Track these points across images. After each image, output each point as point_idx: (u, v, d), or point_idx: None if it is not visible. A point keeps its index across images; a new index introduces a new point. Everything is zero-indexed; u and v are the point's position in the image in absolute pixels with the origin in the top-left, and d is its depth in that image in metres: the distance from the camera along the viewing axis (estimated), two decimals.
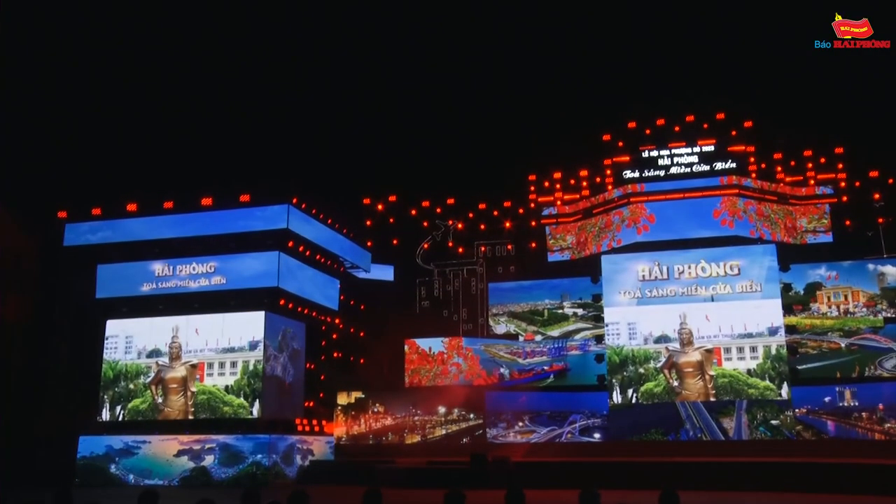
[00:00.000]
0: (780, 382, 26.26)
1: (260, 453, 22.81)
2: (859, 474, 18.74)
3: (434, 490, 19.61)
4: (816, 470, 19.46)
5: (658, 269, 28.30)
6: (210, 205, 25.23)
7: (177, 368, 24.58)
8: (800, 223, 28.92)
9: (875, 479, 18.28)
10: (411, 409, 28.33)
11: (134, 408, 24.52)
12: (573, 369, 29.36)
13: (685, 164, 29.17)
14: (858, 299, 27.83)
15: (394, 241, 32.04)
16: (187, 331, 24.82)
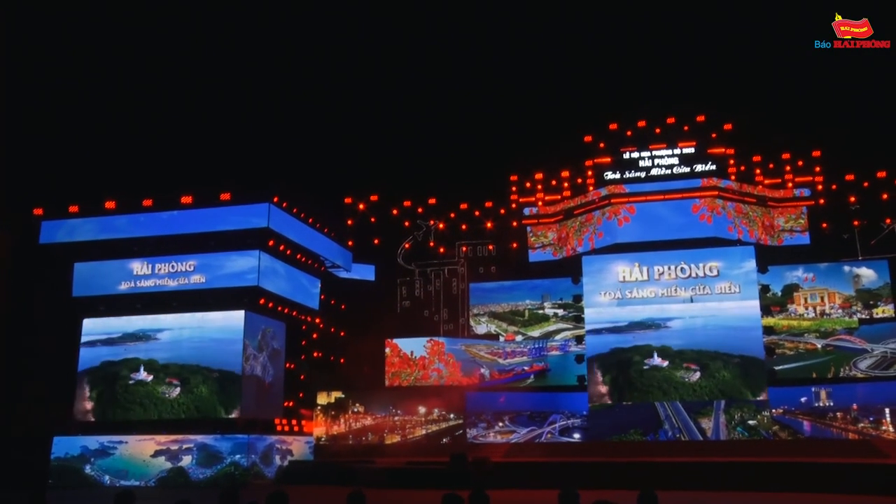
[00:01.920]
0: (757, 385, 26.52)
1: (238, 453, 22.65)
2: (834, 474, 18.94)
3: (414, 490, 19.80)
4: (792, 469, 19.64)
5: (638, 270, 28.45)
6: (190, 203, 25.02)
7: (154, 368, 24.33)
8: (777, 222, 29.18)
9: (849, 478, 18.51)
10: (391, 410, 28.27)
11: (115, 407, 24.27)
12: (553, 370, 29.43)
13: (666, 165, 29.34)
14: (834, 301, 28.14)
15: (375, 241, 31.92)
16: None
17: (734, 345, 26.97)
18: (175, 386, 24.03)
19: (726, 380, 26.64)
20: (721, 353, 26.93)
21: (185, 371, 24.16)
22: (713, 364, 26.86)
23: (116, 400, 24.31)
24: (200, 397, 23.83)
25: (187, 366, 24.19)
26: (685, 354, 27.19)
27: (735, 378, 26.61)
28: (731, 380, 26.62)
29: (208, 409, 23.73)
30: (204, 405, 23.76)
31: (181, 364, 24.25)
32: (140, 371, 24.40)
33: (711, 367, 26.84)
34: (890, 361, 26.45)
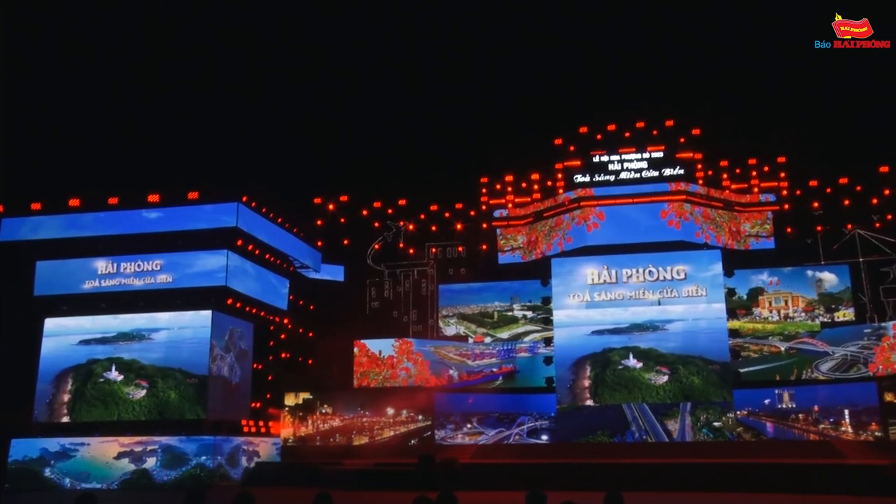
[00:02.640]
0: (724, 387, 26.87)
1: (204, 455, 22.37)
2: (796, 474, 19.27)
3: (382, 492, 19.72)
4: (756, 470, 19.95)
5: (607, 272, 28.67)
6: (157, 202, 24.64)
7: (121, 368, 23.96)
8: (743, 228, 29.61)
9: (810, 478, 18.85)
10: (360, 411, 28.15)
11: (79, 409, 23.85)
12: (522, 371, 29.54)
13: (635, 169, 29.63)
14: (798, 304, 28.64)
15: (344, 242, 31.81)
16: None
17: (701, 347, 27.29)
18: (142, 388, 23.66)
19: (693, 383, 26.91)
20: (688, 356, 27.22)
21: (151, 371, 23.78)
22: (682, 368, 27.11)
23: (85, 399, 23.82)
24: (166, 399, 23.48)
25: (154, 366, 23.82)
26: (653, 355, 27.43)
27: (701, 380, 26.91)
28: (699, 382, 26.90)
29: (173, 411, 23.40)
30: (169, 406, 23.42)
31: (148, 364, 23.87)
32: (112, 371, 23.96)
33: (681, 371, 27.10)
34: (850, 364, 26.97)
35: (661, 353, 27.49)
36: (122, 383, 23.78)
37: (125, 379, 23.81)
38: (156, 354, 23.98)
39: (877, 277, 28.53)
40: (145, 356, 23.99)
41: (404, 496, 9.14)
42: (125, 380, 23.82)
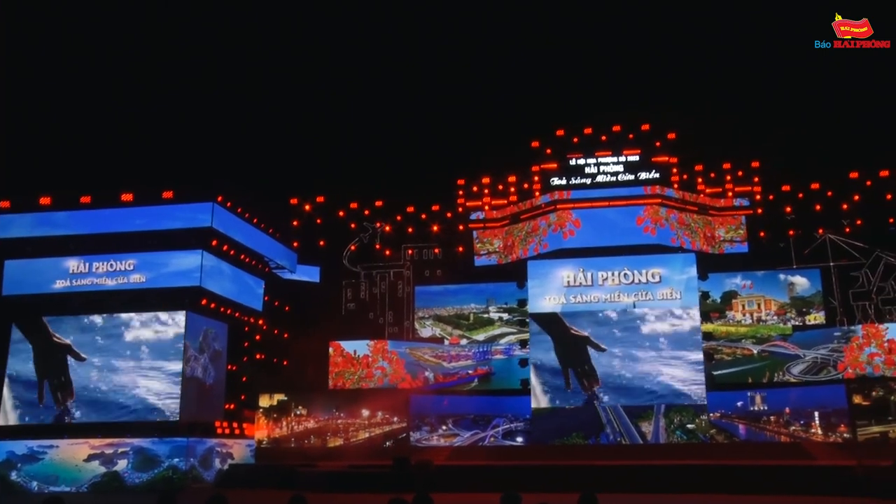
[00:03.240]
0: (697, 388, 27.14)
1: (177, 457, 22.13)
2: (766, 475, 19.53)
3: (357, 494, 19.65)
4: (728, 472, 20.17)
5: (583, 275, 28.82)
6: (131, 201, 24.39)
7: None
8: (718, 233, 29.92)
9: (780, 479, 19.15)
10: (334, 412, 28.02)
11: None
12: (497, 373, 29.59)
13: (611, 172, 29.83)
14: (770, 308, 29.00)
15: (320, 243, 31.68)
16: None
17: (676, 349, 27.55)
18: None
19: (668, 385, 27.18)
20: (662, 357, 27.49)
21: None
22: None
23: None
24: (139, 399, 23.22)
25: (127, 364, 23.56)
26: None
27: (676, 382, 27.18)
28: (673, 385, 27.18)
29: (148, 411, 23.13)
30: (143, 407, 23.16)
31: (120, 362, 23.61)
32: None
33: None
34: (820, 367, 27.35)
35: (634, 354, 27.65)
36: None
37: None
38: (129, 352, 23.69)
39: (846, 281, 28.96)
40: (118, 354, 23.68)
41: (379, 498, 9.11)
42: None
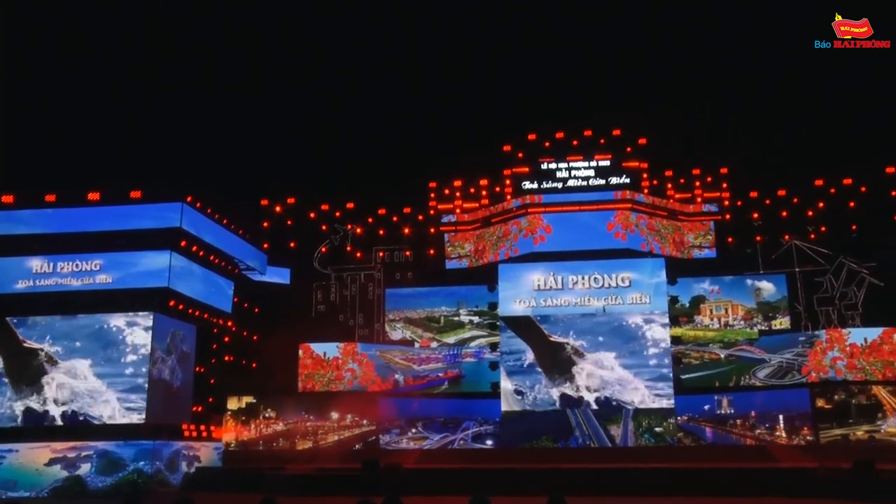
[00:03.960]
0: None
1: (142, 460, 21.81)
2: (732, 478, 19.78)
3: (326, 497, 19.52)
4: (695, 474, 20.39)
5: (553, 279, 28.98)
6: (97, 200, 24.06)
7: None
8: (687, 238, 30.27)
9: (745, 482, 19.41)
10: (304, 415, 27.81)
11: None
12: (467, 376, 29.61)
13: (582, 177, 30.06)
14: (737, 312, 29.38)
15: (291, 244, 31.50)
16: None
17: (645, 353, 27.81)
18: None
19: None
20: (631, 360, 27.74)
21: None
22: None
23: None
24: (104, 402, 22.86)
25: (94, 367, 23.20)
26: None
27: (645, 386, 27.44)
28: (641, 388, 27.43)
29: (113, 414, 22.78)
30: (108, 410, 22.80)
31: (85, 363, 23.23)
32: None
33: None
34: (785, 371, 27.76)
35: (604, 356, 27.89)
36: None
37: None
38: (96, 354, 23.31)
39: (811, 287, 29.46)
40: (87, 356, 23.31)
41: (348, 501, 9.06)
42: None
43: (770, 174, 29.86)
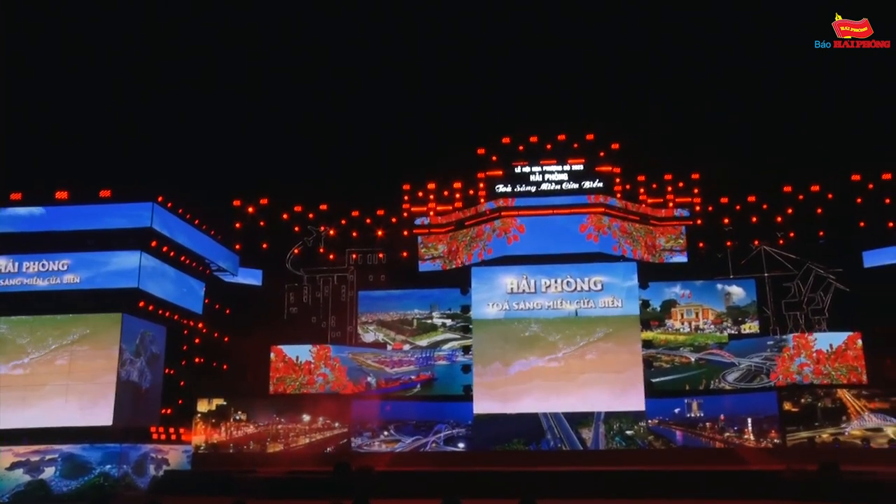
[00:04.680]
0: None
1: (109, 463, 21.49)
2: (702, 480, 20.01)
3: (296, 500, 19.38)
4: (665, 477, 20.60)
5: (526, 282, 29.10)
6: (65, 199, 23.72)
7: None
8: (658, 242, 30.57)
9: (715, 484, 19.64)
10: (275, 418, 27.60)
11: None
12: (440, 379, 29.60)
13: (555, 181, 30.23)
14: (708, 317, 29.71)
15: (263, 245, 31.27)
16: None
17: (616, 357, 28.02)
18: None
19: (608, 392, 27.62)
20: (603, 364, 27.94)
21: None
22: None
23: None
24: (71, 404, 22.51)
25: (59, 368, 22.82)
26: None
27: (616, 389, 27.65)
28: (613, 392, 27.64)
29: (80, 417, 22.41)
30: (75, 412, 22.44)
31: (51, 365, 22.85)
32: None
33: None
34: (754, 374, 28.13)
35: (576, 360, 28.05)
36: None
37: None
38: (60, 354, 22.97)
39: (780, 292, 29.90)
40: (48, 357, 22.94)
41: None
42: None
43: (740, 180, 30.23)
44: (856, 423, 25.43)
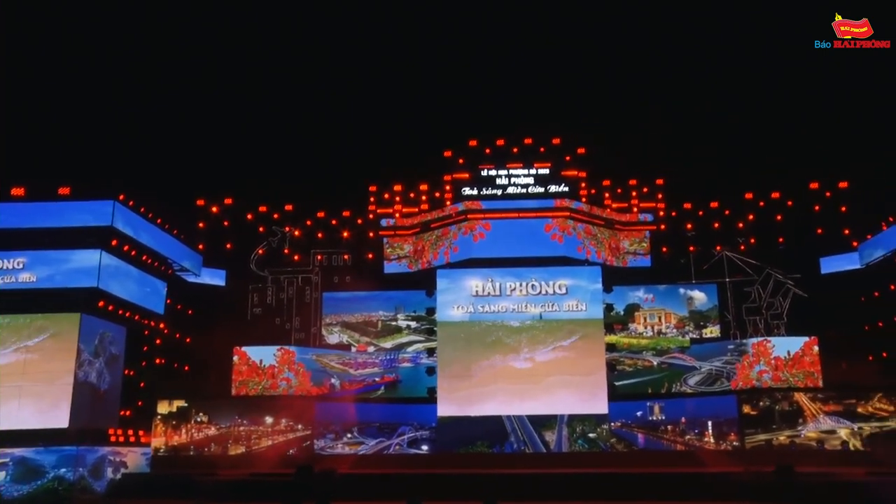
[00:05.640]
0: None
1: (64, 467, 21.04)
2: (663, 483, 20.24)
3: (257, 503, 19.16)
4: (626, 480, 20.78)
5: (491, 285, 29.18)
6: (22, 195, 23.24)
7: None
8: (623, 245, 30.87)
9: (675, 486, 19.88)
10: (237, 419, 27.27)
11: None
12: (404, 381, 29.54)
13: (521, 184, 30.38)
14: (670, 321, 30.07)
15: (227, 245, 30.95)
16: None
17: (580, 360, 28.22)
18: None
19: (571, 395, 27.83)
20: (567, 367, 28.14)
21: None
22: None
23: None
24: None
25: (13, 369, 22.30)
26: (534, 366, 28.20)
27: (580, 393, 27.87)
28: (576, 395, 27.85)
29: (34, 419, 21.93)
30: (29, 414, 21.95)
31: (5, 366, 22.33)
32: None
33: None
34: (715, 378, 28.51)
35: (540, 363, 28.22)
36: None
37: None
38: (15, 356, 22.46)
39: (740, 297, 30.39)
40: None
41: None
42: None
43: (704, 186, 30.66)
44: (811, 426, 25.93)
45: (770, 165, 30.46)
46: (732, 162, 30.61)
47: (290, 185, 31.42)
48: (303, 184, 31.34)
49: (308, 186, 31.30)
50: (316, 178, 31.56)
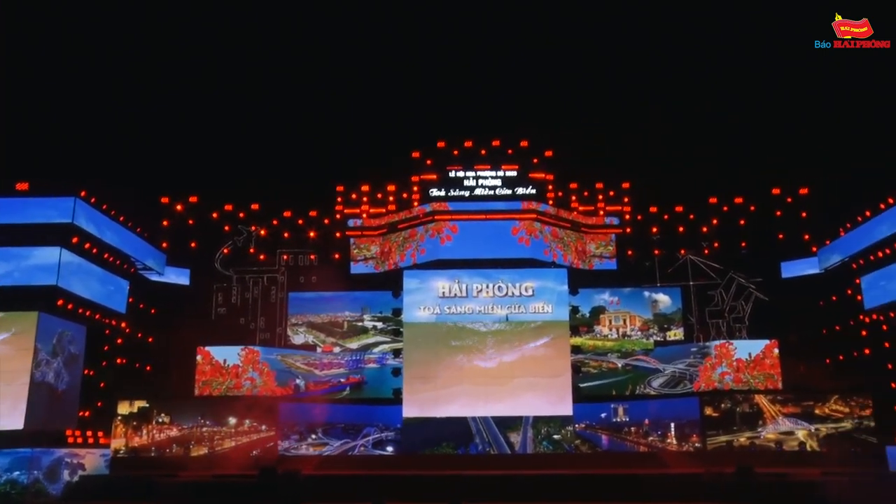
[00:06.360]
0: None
1: (18, 469, 20.53)
2: (626, 484, 20.41)
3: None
4: (590, 481, 20.95)
5: (458, 286, 29.24)
6: None
7: None
8: (589, 248, 31.11)
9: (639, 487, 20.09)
10: (200, 420, 26.92)
11: None
12: (370, 382, 29.44)
13: (489, 186, 30.47)
14: (635, 323, 30.38)
15: (192, 244, 30.57)
16: None
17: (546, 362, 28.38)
18: None
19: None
20: (532, 369, 28.29)
21: None
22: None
23: None
24: None
25: None
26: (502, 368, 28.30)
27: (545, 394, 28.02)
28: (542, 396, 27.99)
29: None
30: None
31: None
32: None
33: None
34: (678, 380, 28.88)
35: (507, 364, 28.34)
36: None
37: None
38: None
39: (704, 300, 30.81)
40: None
41: None
42: None
43: (669, 190, 31.02)
44: (770, 427, 26.39)
45: (734, 170, 30.93)
46: (699, 166, 30.95)
47: (257, 183, 31.14)
48: (269, 183, 31.07)
49: (275, 185, 31.04)
50: (283, 178, 31.30)
